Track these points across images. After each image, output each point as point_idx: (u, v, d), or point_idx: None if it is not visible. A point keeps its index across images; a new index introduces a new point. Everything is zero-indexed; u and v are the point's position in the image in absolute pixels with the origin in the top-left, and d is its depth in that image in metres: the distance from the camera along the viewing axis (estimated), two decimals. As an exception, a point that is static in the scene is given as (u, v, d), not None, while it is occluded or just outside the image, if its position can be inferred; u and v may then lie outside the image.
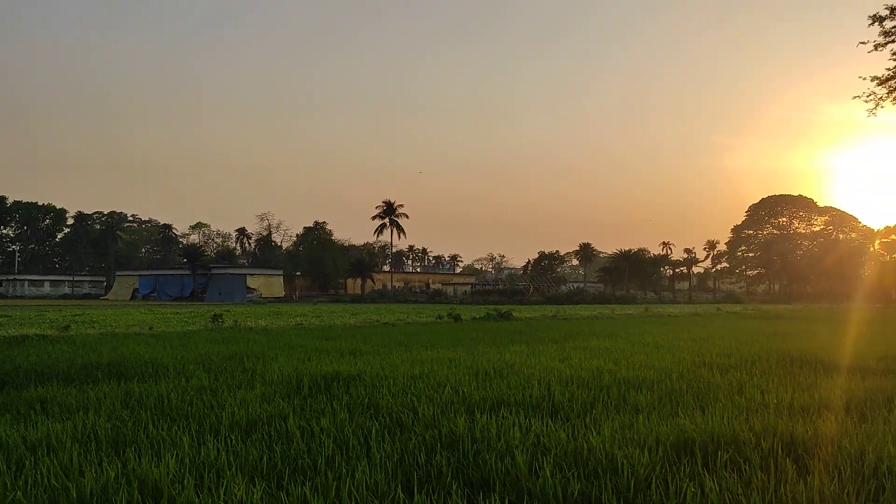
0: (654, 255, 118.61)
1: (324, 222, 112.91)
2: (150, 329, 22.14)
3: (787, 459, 4.98)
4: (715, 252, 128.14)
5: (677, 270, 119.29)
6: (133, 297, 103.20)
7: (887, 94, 13.41)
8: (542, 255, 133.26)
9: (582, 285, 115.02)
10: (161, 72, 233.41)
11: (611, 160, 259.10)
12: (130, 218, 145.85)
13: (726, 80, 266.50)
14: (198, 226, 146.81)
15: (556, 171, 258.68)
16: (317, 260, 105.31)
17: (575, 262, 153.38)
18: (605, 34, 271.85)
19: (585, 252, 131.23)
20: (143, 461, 4.97)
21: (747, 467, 4.87)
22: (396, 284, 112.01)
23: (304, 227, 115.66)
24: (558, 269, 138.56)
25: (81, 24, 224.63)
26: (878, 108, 13.56)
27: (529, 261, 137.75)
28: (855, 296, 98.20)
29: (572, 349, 14.34)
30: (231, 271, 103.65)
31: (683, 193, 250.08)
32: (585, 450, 5.33)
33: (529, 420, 6.48)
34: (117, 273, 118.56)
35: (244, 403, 7.42)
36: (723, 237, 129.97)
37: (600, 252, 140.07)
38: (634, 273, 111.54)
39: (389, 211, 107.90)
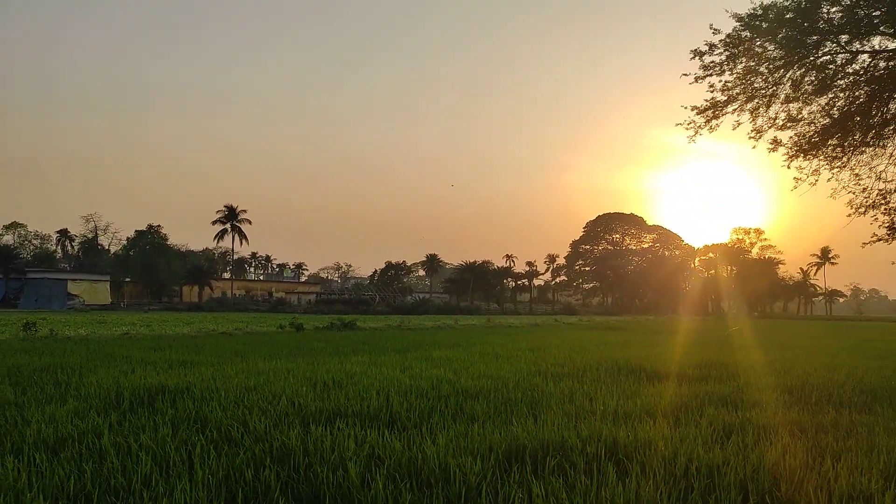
0: (498, 267, 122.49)
1: (158, 225, 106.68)
2: (-49, 338, 19.90)
3: (609, 463, 5.21)
4: (554, 265, 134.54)
5: (519, 283, 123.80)
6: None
7: (705, 123, 14.54)
8: (389, 265, 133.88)
9: (428, 296, 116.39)
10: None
11: (461, 173, 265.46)
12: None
13: (564, 101, 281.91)
14: (12, 226, 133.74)
15: (403, 181, 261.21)
16: (149, 265, 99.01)
17: (422, 272, 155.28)
18: (449, 48, 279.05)
19: (432, 263, 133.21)
20: (-77, 488, 4.39)
21: (573, 472, 5.03)
22: (237, 292, 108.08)
23: (136, 231, 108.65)
24: (405, 280, 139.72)
25: None
26: (697, 135, 14.67)
27: (376, 270, 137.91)
28: (679, 308, 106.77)
29: (414, 359, 14.39)
30: (50, 276, 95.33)
31: (527, 208, 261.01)
32: (420, 459, 5.30)
33: (366, 431, 6.38)
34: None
35: (53, 420, 6.78)
36: (562, 251, 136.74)
37: (447, 263, 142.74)
38: (479, 284, 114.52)
39: (231, 216, 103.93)
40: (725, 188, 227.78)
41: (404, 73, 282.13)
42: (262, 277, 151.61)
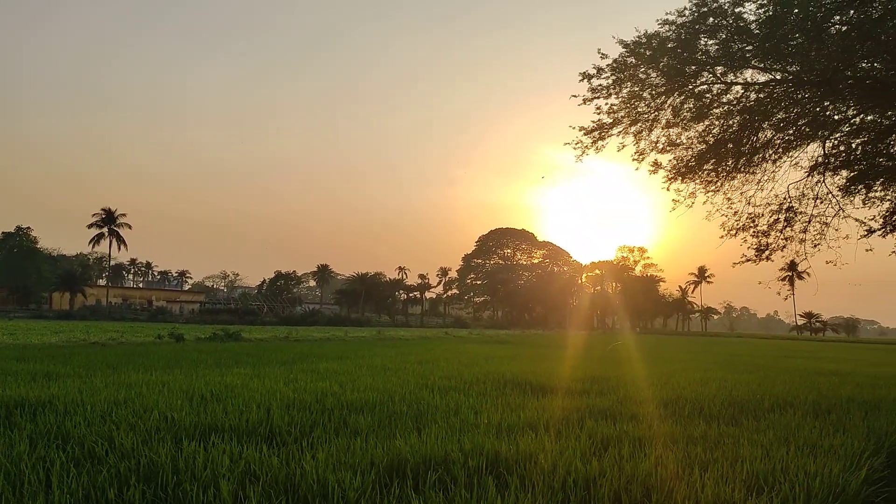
0: (391, 279, 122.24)
1: (28, 227, 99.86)
2: None
3: (490, 477, 5.21)
4: (447, 279, 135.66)
5: (411, 295, 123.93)
6: None
7: (592, 143, 15.07)
8: (279, 275, 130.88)
9: (318, 307, 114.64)
10: None
11: (351, 184, 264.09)
12: None
13: (459, 116, 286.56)
14: None
15: (295, 191, 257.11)
16: (16, 270, 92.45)
17: (313, 283, 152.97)
18: (355, 58, 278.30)
19: (323, 274, 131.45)
20: None
21: (453, 486, 4.99)
22: (113, 300, 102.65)
23: (3, 232, 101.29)
24: (295, 290, 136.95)
25: None
26: (585, 155, 15.17)
27: (265, 280, 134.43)
28: (566, 323, 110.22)
29: (300, 371, 14.06)
30: None
31: (421, 220, 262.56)
32: (298, 475, 5.13)
33: (243, 446, 6.13)
34: None
35: None
36: (455, 265, 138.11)
37: (338, 274, 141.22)
38: (371, 296, 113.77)
39: (109, 219, 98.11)
40: (613, 206, 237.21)
41: (287, 76, 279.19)
42: (141, 285, 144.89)
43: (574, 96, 14.58)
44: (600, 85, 14.29)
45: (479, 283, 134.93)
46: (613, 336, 59.59)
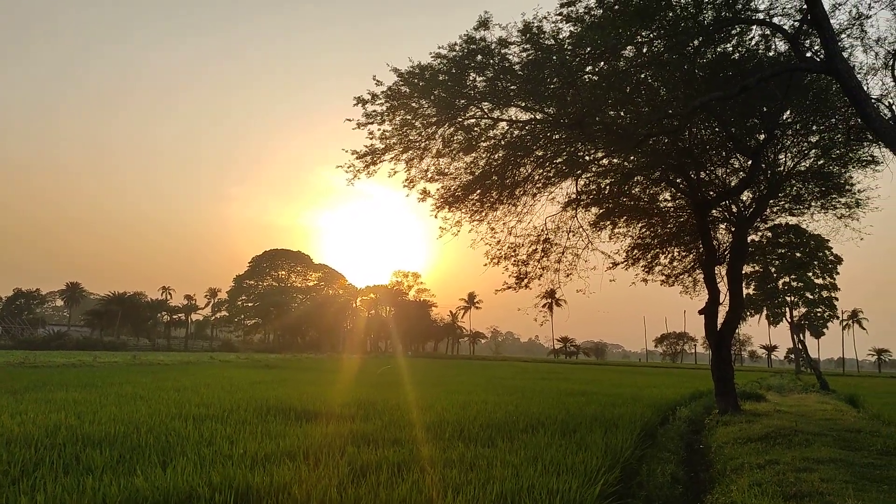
0: (153, 299, 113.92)
1: None
2: None
3: (237, 512, 4.87)
4: (216, 300, 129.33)
5: (176, 317, 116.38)
6: None
7: (364, 167, 15.18)
8: (19, 293, 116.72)
9: (66, 329, 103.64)
10: None
11: (112, 194, 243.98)
12: None
13: (234, 131, 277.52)
14: None
15: (42, 197, 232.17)
16: None
17: (60, 302, 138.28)
18: (123, 59, 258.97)
19: (73, 293, 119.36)
20: None
21: (195, 526, 4.59)
22: None
23: None
24: (38, 310, 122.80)
25: None
26: (357, 179, 15.23)
27: (1, 299, 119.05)
28: (340, 346, 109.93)
29: (32, 402, 12.47)
30: None
31: (190, 238, 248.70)
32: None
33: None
34: None
35: None
36: (226, 286, 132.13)
37: (92, 293, 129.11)
38: (128, 318, 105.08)
39: None
40: (389, 231, 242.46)
41: (48, 71, 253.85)
42: None
43: (349, 120, 14.61)
44: (375, 111, 14.45)
45: (250, 305, 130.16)
46: (386, 360, 60.37)
